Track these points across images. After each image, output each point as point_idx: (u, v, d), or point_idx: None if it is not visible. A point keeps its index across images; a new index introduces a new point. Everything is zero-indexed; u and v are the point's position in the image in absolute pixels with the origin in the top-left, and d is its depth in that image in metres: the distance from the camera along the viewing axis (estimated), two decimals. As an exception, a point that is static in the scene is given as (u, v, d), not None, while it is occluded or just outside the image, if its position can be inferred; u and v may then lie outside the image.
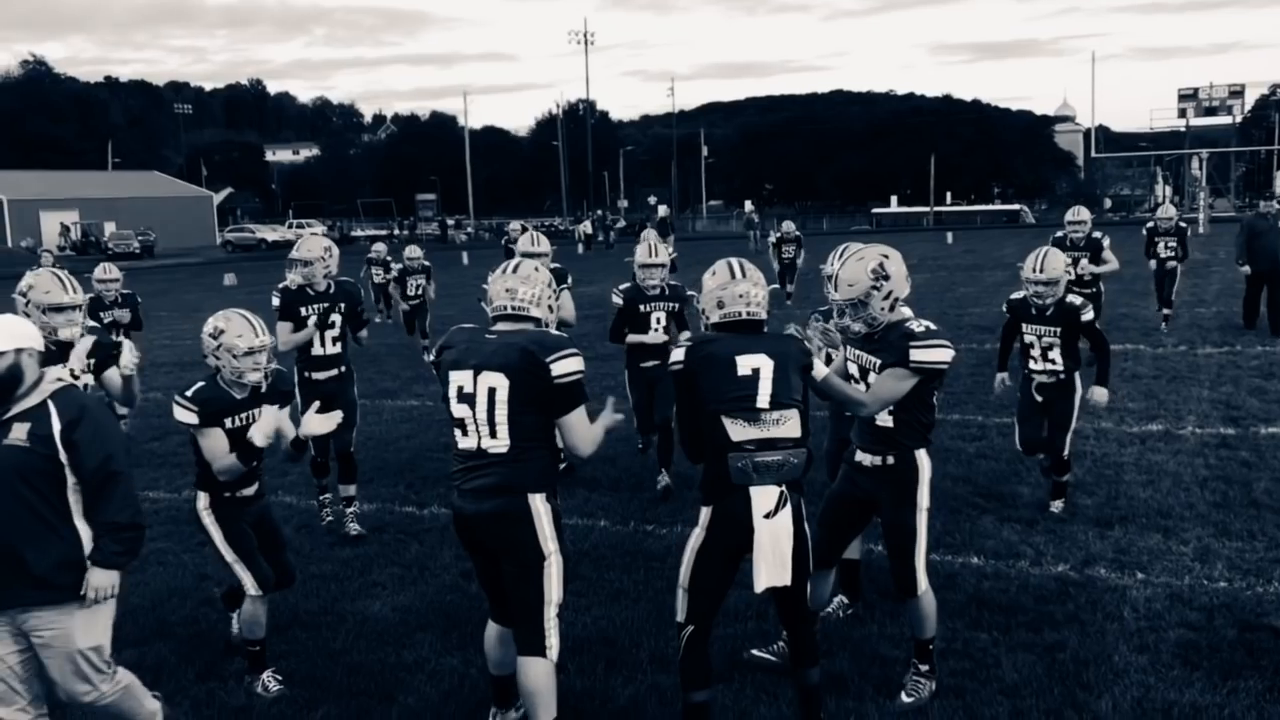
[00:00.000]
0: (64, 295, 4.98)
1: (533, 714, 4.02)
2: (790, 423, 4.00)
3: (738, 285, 4.13)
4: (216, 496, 4.83)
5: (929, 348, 4.41)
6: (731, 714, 4.55)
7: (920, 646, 4.67)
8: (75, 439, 3.64)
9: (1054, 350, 6.90)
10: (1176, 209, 15.57)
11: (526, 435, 3.91)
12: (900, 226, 63.74)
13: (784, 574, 3.99)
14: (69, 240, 59.97)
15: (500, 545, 3.98)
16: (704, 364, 4.02)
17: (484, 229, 73.22)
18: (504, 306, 4.06)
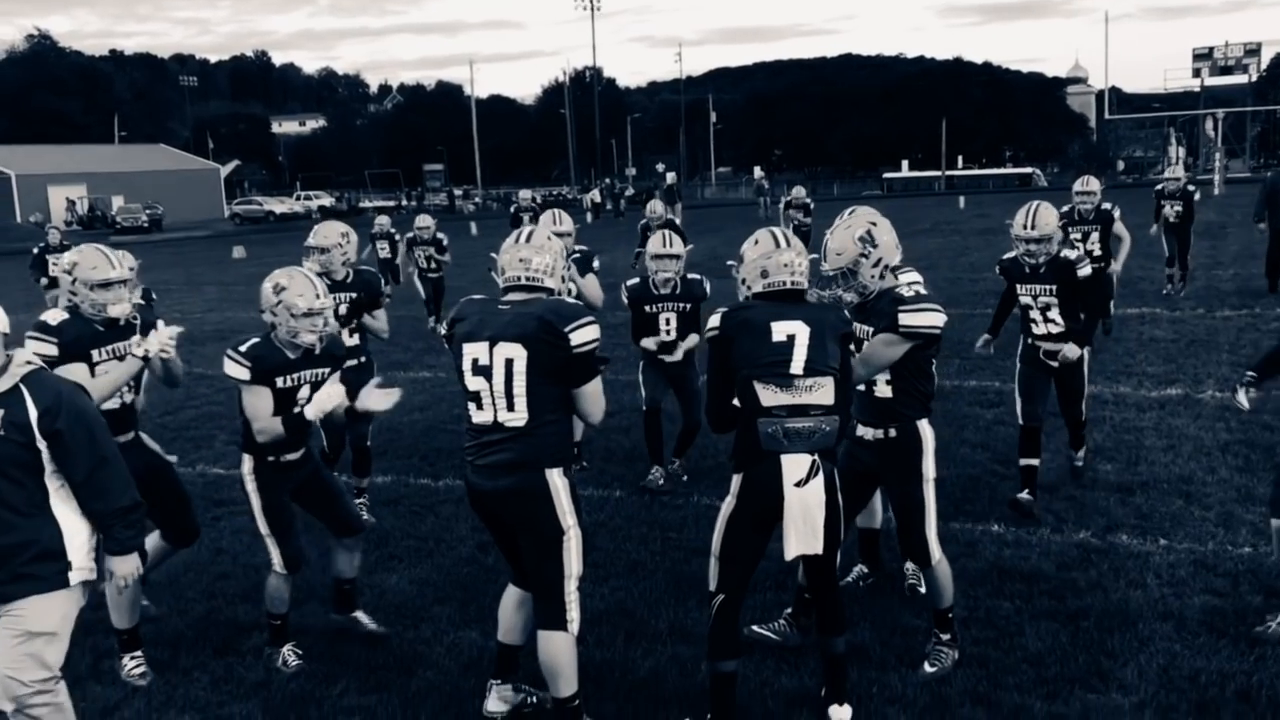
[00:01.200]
0: (111, 270, 4.78)
1: (553, 687, 4.00)
2: (824, 389, 3.93)
3: (783, 254, 4.05)
4: (260, 461, 4.75)
5: (918, 312, 4.35)
6: (752, 684, 4.51)
7: (939, 616, 4.63)
8: (59, 430, 3.48)
9: (1053, 310, 6.41)
10: (1186, 171, 15.58)
11: (544, 407, 3.85)
12: (911, 191, 63.38)
13: (815, 543, 3.94)
14: (75, 215, 59.96)
15: (518, 521, 3.94)
16: (739, 329, 3.96)
17: (492, 199, 73.00)
18: (517, 277, 3.98)
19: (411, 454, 8.45)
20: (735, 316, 4.00)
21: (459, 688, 4.57)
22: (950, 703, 4.29)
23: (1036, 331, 6.52)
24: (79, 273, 4.75)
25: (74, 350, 4.67)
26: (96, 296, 4.75)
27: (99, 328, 4.78)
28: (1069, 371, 6.59)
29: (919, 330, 4.36)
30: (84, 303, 4.75)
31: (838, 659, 4.20)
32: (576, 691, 4.02)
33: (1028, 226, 6.30)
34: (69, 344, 4.67)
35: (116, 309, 4.79)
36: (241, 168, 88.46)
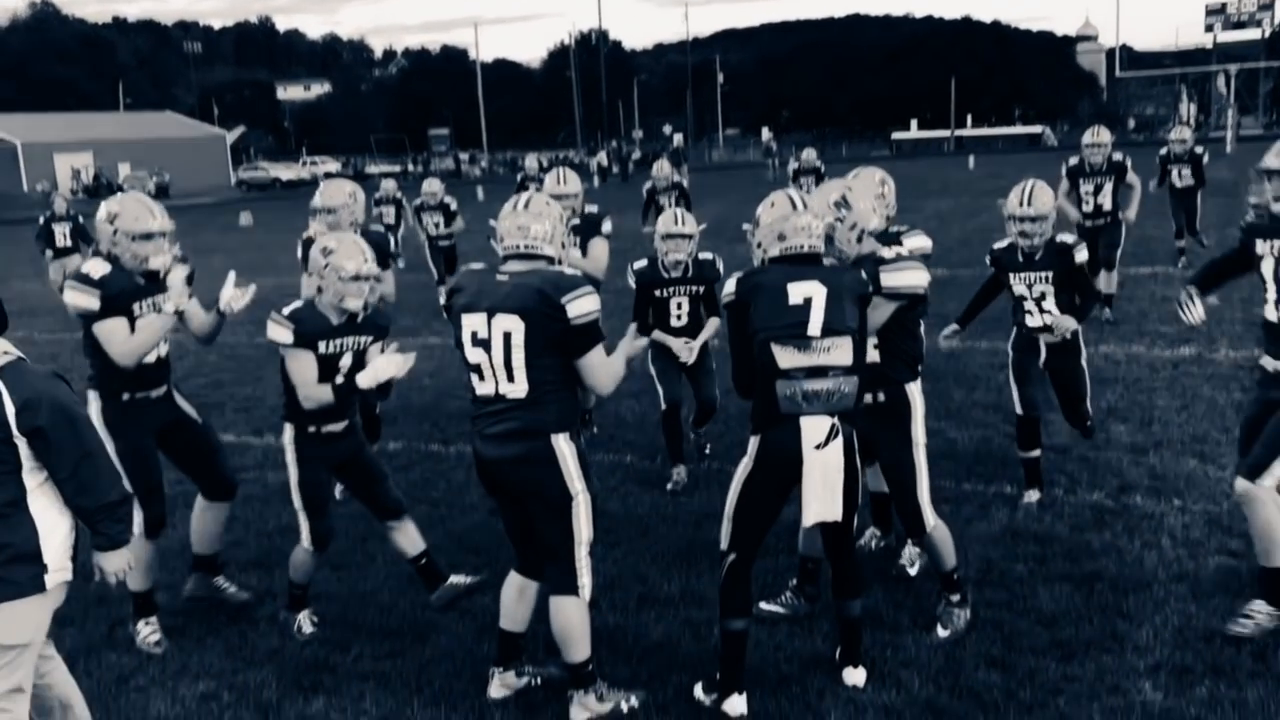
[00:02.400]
0: (153, 221, 4.66)
1: (565, 653, 3.99)
2: (842, 350, 3.90)
3: (800, 218, 4.00)
4: (301, 432, 4.73)
5: (899, 272, 4.29)
6: (766, 649, 4.51)
7: (945, 579, 4.62)
8: (41, 428, 3.26)
9: (1048, 300, 5.85)
10: (1192, 131, 14.14)
11: (545, 378, 3.82)
12: (920, 151, 62.92)
13: (835, 508, 3.92)
14: (80, 184, 59.84)
15: (525, 489, 3.92)
16: (755, 293, 3.92)
17: (498, 163, 72.69)
18: (516, 245, 3.93)
19: (422, 420, 8.45)
20: (751, 281, 3.96)
21: (472, 653, 4.58)
22: (964, 665, 4.28)
23: (1031, 324, 5.96)
24: (120, 224, 4.62)
25: (116, 303, 4.57)
26: (138, 248, 4.63)
27: (139, 280, 4.69)
28: (1067, 375, 6.05)
29: (902, 290, 4.30)
30: (125, 254, 4.63)
31: (853, 622, 4.20)
32: (590, 657, 4.01)
33: (1023, 204, 5.79)
34: (112, 297, 4.56)
35: (157, 261, 4.68)
36: (247, 134, 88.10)
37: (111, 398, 4.70)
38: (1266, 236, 4.40)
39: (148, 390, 4.78)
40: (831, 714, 3.99)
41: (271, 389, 10.09)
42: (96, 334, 4.61)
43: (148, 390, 4.78)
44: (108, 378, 4.68)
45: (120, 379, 4.68)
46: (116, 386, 4.69)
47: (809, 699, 4.10)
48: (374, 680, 4.42)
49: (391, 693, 4.32)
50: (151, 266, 4.68)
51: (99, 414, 4.69)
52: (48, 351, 12.79)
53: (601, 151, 58.34)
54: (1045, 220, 5.78)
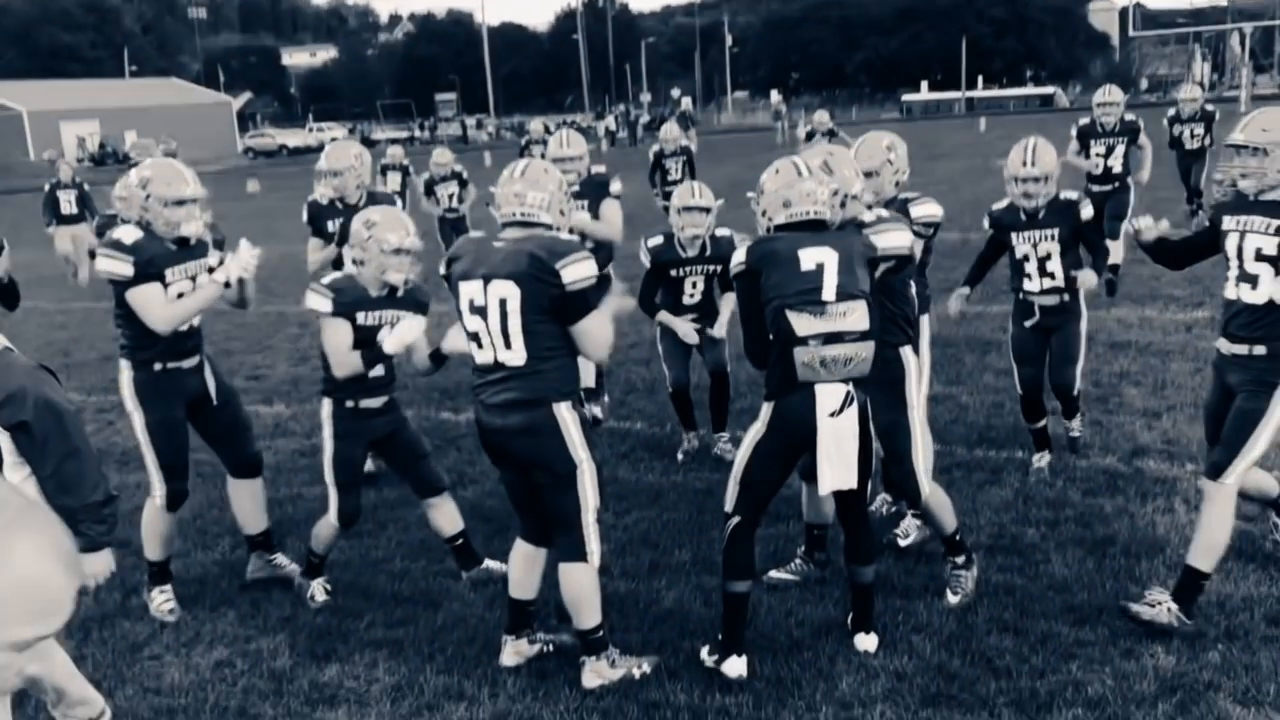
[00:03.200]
0: (186, 187, 4.56)
1: (576, 619, 4.00)
2: (857, 314, 3.88)
3: (804, 183, 3.96)
4: (340, 406, 4.71)
5: (881, 234, 4.22)
6: (777, 615, 4.52)
7: (948, 542, 4.61)
8: (26, 422, 3.14)
9: (1052, 260, 5.60)
10: (1203, 90, 13.34)
11: (543, 345, 3.79)
12: (931, 113, 62.40)
13: (849, 476, 3.91)
14: (85, 152, 59.70)
15: (529, 458, 3.91)
16: (766, 261, 3.88)
17: (505, 128, 72.32)
18: (512, 213, 3.89)
19: (431, 389, 8.44)
20: (761, 249, 3.92)
21: (484, 620, 4.59)
22: (976, 631, 4.28)
23: (1030, 287, 5.70)
24: (153, 189, 4.53)
25: (149, 270, 4.49)
26: (170, 214, 4.54)
27: (171, 246, 4.60)
28: (1063, 338, 5.77)
29: (886, 252, 4.24)
30: (157, 220, 4.55)
31: (865, 588, 4.20)
32: (601, 623, 4.02)
33: (1027, 164, 5.51)
34: (144, 263, 4.48)
35: (189, 227, 4.60)
36: (253, 101, 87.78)
37: (143, 367, 4.64)
38: (1234, 213, 4.24)
39: (180, 360, 4.70)
40: (843, 679, 4.00)
41: (281, 357, 10.11)
42: (130, 301, 4.52)
43: (180, 360, 4.70)
44: (140, 347, 4.62)
45: (153, 349, 4.61)
46: (148, 356, 4.63)
47: (820, 664, 4.10)
48: (386, 647, 4.44)
49: (404, 660, 4.34)
50: (183, 233, 4.59)
51: (130, 384, 4.65)
52: (57, 320, 12.83)
53: (609, 115, 57.96)
54: (1049, 180, 5.55)
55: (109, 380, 9.42)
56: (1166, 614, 4.16)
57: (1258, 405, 4.09)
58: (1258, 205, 4.14)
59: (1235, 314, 4.22)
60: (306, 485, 6.40)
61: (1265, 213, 4.11)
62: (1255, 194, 4.14)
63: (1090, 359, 7.26)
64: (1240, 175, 4.17)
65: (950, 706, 3.80)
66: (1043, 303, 5.72)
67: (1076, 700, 3.78)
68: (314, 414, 7.72)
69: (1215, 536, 4.15)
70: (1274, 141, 4.05)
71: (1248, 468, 4.16)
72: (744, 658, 4.04)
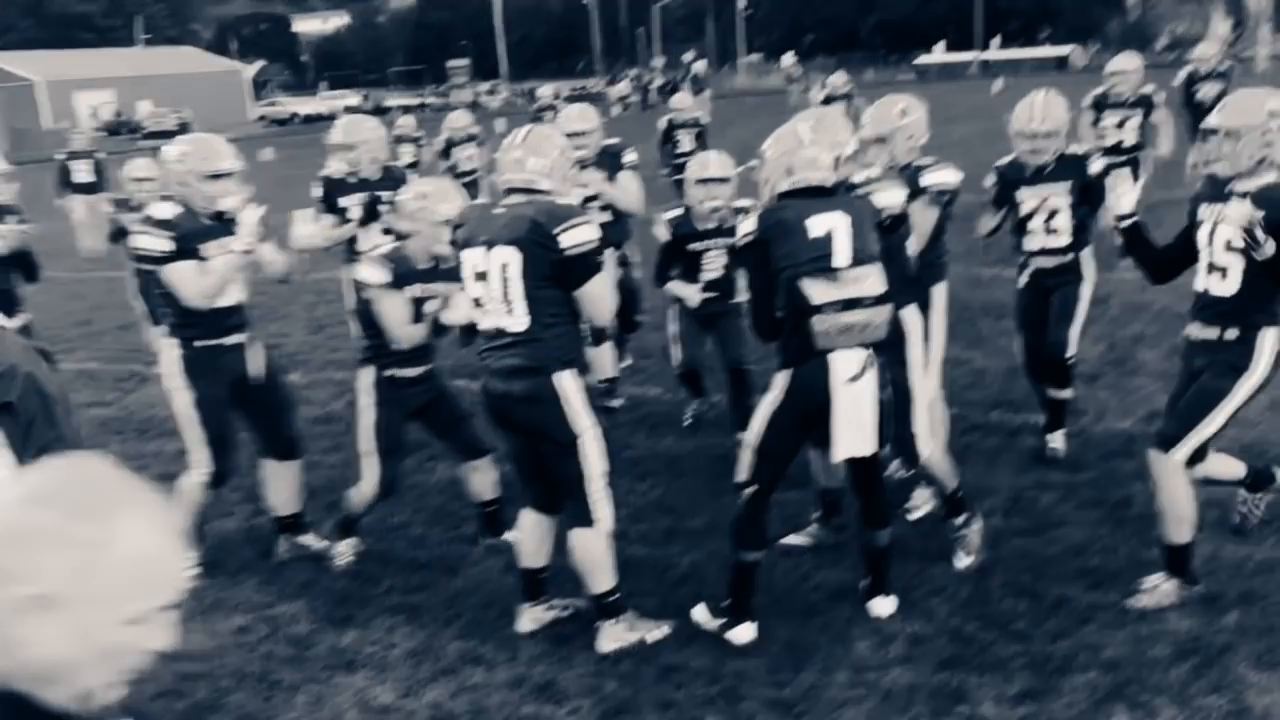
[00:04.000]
0: (223, 161, 4.54)
1: (588, 584, 4.04)
2: (872, 279, 3.87)
3: (807, 150, 3.93)
4: (380, 376, 4.72)
5: (873, 195, 4.18)
6: (793, 579, 4.53)
7: (949, 501, 4.61)
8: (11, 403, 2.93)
9: (1059, 217, 5.35)
10: (1218, 47, 12.36)
11: (544, 311, 3.80)
12: (945, 75, 61.74)
13: (866, 443, 3.90)
14: (98, 120, 59.69)
15: (531, 426, 3.93)
16: (776, 230, 3.86)
17: (518, 94, 71.92)
18: (513, 179, 3.89)
19: (447, 356, 8.42)
20: (770, 218, 3.89)
21: (501, 585, 4.62)
22: (992, 594, 4.29)
23: (1031, 246, 5.45)
24: (191, 163, 4.49)
25: (185, 246, 4.45)
26: (208, 188, 4.50)
27: (208, 222, 4.56)
28: (1064, 293, 5.46)
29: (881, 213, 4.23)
30: (194, 195, 4.51)
31: (880, 552, 4.21)
32: (614, 587, 4.05)
33: (1034, 120, 5.27)
34: (182, 239, 4.44)
35: (227, 202, 4.56)
36: (266, 68, 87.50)
37: (187, 344, 4.62)
38: (1210, 202, 4.08)
39: (222, 338, 4.68)
40: (859, 643, 4.02)
41: (298, 326, 10.13)
42: (167, 277, 4.49)
43: (222, 338, 4.68)
44: (185, 324, 4.59)
45: (197, 326, 4.59)
46: (194, 334, 4.60)
47: (836, 628, 4.12)
48: (404, 613, 4.48)
49: (422, 625, 4.37)
50: (221, 207, 4.55)
51: (175, 361, 4.62)
52: (76, 290, 12.88)
53: (622, 80, 57.55)
54: (1058, 135, 5.31)
55: (128, 349, 9.48)
56: (1169, 590, 4.14)
57: (1221, 385, 4.00)
58: (1230, 195, 3.98)
59: (1206, 303, 4.09)
60: (323, 453, 6.44)
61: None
62: (1228, 181, 3.99)
63: (1105, 322, 7.25)
64: (1212, 159, 4.06)
65: (966, 669, 3.81)
66: (1041, 263, 5.48)
67: (1092, 663, 3.79)
68: (330, 382, 7.76)
69: (1179, 509, 4.09)
70: (1248, 125, 3.89)
71: (1198, 444, 4.05)
72: (752, 624, 4.06)
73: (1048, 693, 3.65)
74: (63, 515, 1.15)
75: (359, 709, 3.84)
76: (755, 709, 3.67)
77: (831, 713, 3.63)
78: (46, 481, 1.19)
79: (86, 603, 1.17)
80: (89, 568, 1.16)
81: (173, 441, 6.93)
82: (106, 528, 1.17)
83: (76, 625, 1.17)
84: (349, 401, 7.37)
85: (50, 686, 1.22)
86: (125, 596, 1.19)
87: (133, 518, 1.19)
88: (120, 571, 1.18)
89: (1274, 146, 3.88)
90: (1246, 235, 3.80)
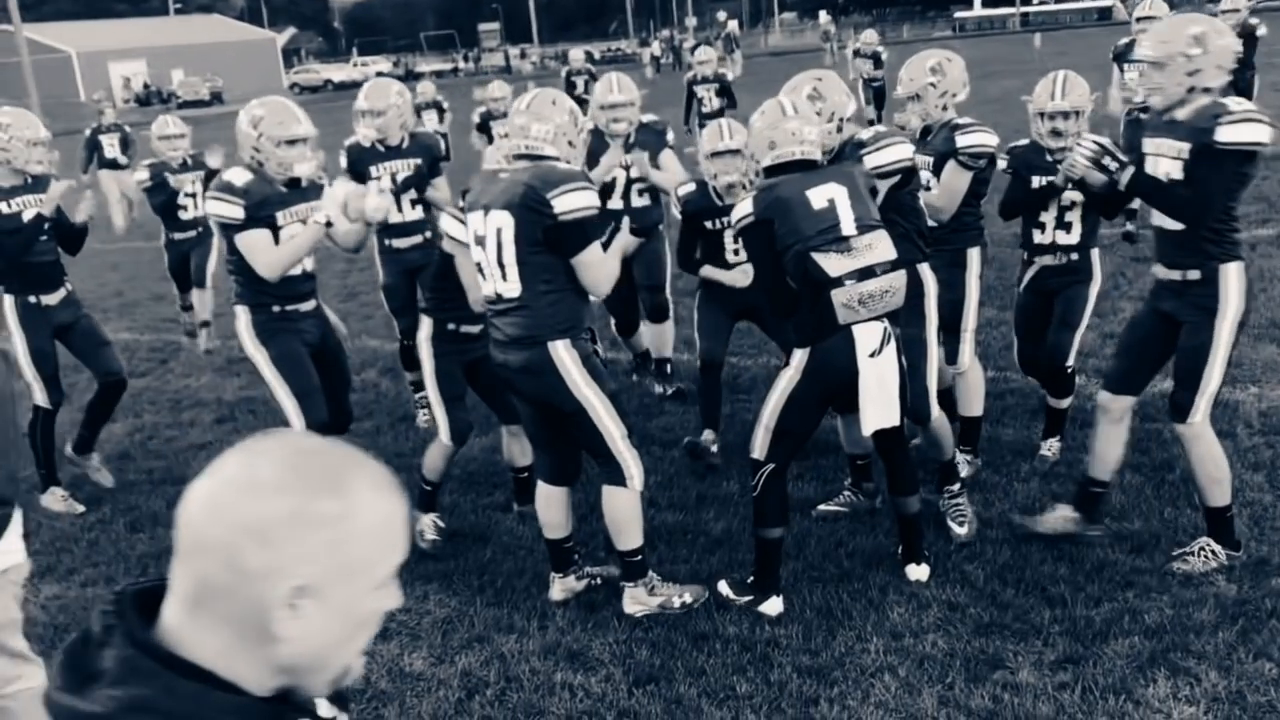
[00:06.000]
0: (299, 126, 4.42)
1: (616, 541, 4.03)
2: (882, 244, 3.80)
3: (789, 122, 3.86)
4: (440, 327, 4.66)
5: (880, 150, 4.12)
6: (828, 544, 4.48)
7: (944, 469, 4.54)
8: None
9: (1074, 211, 4.80)
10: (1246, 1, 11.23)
11: (538, 277, 3.73)
12: (984, 30, 60.70)
13: (893, 414, 3.85)
14: (131, 92, 60.02)
15: (534, 395, 3.90)
16: (776, 208, 3.78)
17: (549, 57, 71.53)
18: (517, 145, 3.83)
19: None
20: (767, 197, 3.82)
21: (532, 552, 4.61)
22: (1030, 559, 4.21)
23: (1040, 240, 4.89)
24: (265, 128, 4.39)
25: (259, 214, 4.38)
26: (283, 154, 4.41)
27: (282, 189, 4.49)
28: (1068, 295, 4.92)
29: (887, 168, 4.13)
30: (269, 161, 4.42)
31: (911, 519, 4.15)
32: (640, 547, 4.02)
33: (1056, 96, 4.77)
34: (254, 206, 4.36)
35: (302, 168, 4.47)
36: (297, 36, 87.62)
37: (261, 309, 4.55)
38: (1151, 135, 3.94)
39: (297, 304, 4.63)
40: (894, 610, 3.96)
41: (329, 294, 10.13)
42: (240, 245, 4.42)
43: (297, 304, 4.63)
44: (258, 290, 4.52)
45: (269, 292, 4.52)
46: (266, 300, 4.53)
47: (871, 595, 4.07)
48: (436, 580, 4.47)
49: (454, 592, 4.36)
50: (296, 174, 4.47)
51: (249, 327, 4.55)
52: (109, 261, 12.98)
53: (655, 41, 57.01)
54: (1081, 116, 4.80)
55: (161, 320, 9.54)
56: (1210, 556, 4.04)
57: (1203, 338, 3.89)
58: (1166, 127, 3.85)
59: (1162, 241, 3.99)
60: (356, 421, 6.42)
61: (1172, 134, 3.83)
62: (1163, 112, 3.85)
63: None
64: (1148, 90, 3.90)
65: (1003, 636, 3.75)
66: (1046, 261, 4.91)
67: (1134, 629, 3.71)
68: (363, 349, 7.75)
69: (1213, 471, 4.00)
70: (1170, 54, 3.74)
71: (1210, 401, 3.95)
72: (780, 597, 4.02)
73: (1087, 659, 3.58)
74: (303, 497, 1.09)
75: (391, 676, 3.84)
76: (787, 677, 3.62)
77: (865, 680, 3.58)
78: (267, 468, 1.11)
79: (344, 579, 1.12)
80: (340, 544, 1.11)
81: (207, 411, 6.98)
82: (345, 499, 1.12)
83: (339, 605, 1.13)
84: (381, 369, 7.38)
85: (316, 675, 1.18)
86: (375, 562, 1.15)
87: (361, 481, 1.15)
88: (367, 539, 1.13)
89: (1202, 73, 3.74)
90: None
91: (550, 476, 4.12)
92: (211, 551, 1.09)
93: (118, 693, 1.05)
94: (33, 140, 5.20)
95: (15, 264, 5.20)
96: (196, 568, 1.10)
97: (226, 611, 1.10)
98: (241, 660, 1.12)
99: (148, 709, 1.05)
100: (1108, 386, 4.21)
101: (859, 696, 3.50)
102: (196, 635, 1.11)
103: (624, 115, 5.90)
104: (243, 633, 1.11)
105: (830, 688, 3.56)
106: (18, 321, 5.28)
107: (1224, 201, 3.78)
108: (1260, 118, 3.69)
